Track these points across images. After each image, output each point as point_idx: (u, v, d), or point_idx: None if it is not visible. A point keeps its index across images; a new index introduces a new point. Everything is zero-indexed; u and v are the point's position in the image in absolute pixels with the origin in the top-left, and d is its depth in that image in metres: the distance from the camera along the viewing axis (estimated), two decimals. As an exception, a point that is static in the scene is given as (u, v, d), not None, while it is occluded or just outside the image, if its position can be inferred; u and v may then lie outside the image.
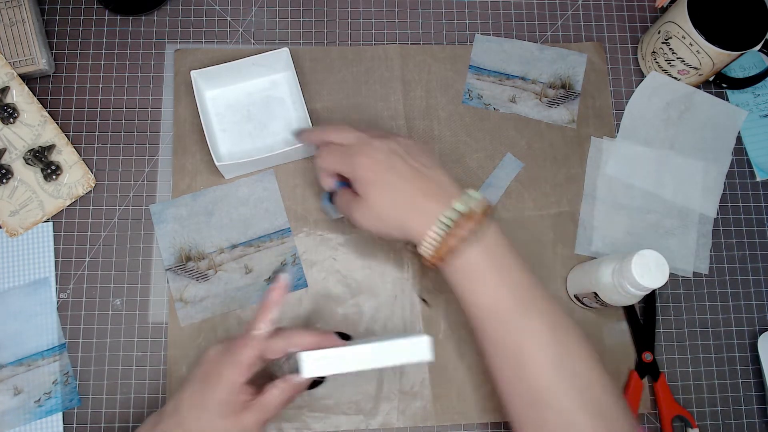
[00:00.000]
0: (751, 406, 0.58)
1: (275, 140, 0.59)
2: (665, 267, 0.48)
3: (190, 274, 0.56)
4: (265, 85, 0.61)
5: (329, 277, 0.58)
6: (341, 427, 0.55)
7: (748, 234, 0.62)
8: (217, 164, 0.55)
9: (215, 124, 0.59)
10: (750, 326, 0.60)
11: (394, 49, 0.63)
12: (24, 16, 0.59)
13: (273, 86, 0.61)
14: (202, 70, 0.57)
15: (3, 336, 0.55)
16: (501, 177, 0.61)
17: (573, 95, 0.63)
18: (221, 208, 0.58)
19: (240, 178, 0.59)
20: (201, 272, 0.57)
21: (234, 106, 0.60)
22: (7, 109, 0.57)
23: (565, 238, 0.60)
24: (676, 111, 0.64)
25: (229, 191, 0.58)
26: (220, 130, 0.59)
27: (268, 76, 0.61)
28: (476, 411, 0.56)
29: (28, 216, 0.57)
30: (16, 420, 0.53)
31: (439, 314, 0.58)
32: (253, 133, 0.59)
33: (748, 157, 0.64)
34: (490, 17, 0.65)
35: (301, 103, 0.58)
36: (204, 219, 0.58)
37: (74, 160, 0.58)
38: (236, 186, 0.59)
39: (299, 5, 0.64)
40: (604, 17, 0.66)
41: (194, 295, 0.56)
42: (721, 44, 0.57)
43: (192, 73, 0.57)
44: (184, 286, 0.56)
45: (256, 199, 0.58)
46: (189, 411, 0.43)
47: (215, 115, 0.60)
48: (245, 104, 0.60)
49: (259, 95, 0.60)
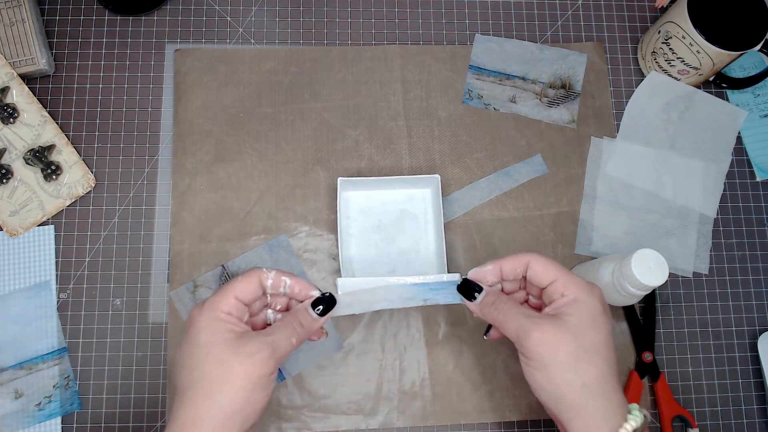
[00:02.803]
0: (751, 406, 0.58)
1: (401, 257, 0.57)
2: (665, 266, 0.48)
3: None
4: (401, 198, 0.59)
5: (329, 277, 0.58)
6: (341, 427, 0.55)
7: (748, 234, 0.62)
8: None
9: (344, 227, 0.57)
10: (750, 326, 0.60)
11: (394, 49, 0.63)
12: (24, 16, 0.59)
13: (409, 200, 0.59)
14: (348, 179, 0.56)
15: (4, 339, 0.55)
16: (522, 172, 0.61)
17: (573, 95, 0.63)
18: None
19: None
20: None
21: (366, 213, 0.58)
22: (7, 109, 0.57)
23: (565, 238, 0.60)
24: (676, 111, 0.64)
25: None
26: (347, 234, 0.58)
27: (406, 190, 0.59)
28: (476, 411, 0.56)
29: (28, 216, 0.57)
30: (16, 423, 0.53)
31: (439, 314, 0.58)
32: (380, 245, 0.58)
33: (748, 157, 0.64)
34: (490, 17, 0.65)
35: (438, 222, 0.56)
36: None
37: (74, 160, 0.58)
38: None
39: (299, 5, 0.64)
40: (604, 17, 0.66)
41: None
42: (721, 44, 0.57)
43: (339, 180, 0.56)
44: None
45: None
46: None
47: (345, 218, 0.58)
48: (378, 213, 0.58)
49: (393, 207, 0.59)
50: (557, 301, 0.42)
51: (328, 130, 0.61)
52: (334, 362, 0.56)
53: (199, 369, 0.39)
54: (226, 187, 0.59)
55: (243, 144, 0.60)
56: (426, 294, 0.47)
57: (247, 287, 0.42)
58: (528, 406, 0.56)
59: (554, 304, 0.42)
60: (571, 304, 0.41)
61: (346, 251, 0.57)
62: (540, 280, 0.44)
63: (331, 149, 0.61)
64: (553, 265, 0.43)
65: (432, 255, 0.58)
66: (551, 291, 0.43)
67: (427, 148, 0.61)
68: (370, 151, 0.61)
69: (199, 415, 0.38)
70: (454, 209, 0.60)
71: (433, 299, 0.47)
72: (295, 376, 0.56)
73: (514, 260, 0.45)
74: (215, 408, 0.38)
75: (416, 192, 0.59)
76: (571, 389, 0.39)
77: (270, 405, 0.55)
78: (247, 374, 0.38)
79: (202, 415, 0.38)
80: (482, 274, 0.45)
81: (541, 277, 0.43)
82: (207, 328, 0.40)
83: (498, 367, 0.57)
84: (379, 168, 0.60)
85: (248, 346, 0.39)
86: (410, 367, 0.56)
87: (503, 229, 0.60)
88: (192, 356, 0.39)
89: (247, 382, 0.38)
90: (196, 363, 0.39)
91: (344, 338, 0.57)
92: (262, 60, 0.62)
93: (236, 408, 0.38)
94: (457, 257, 0.59)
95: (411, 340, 0.57)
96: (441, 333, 0.57)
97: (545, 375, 0.40)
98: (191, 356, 0.39)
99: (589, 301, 0.41)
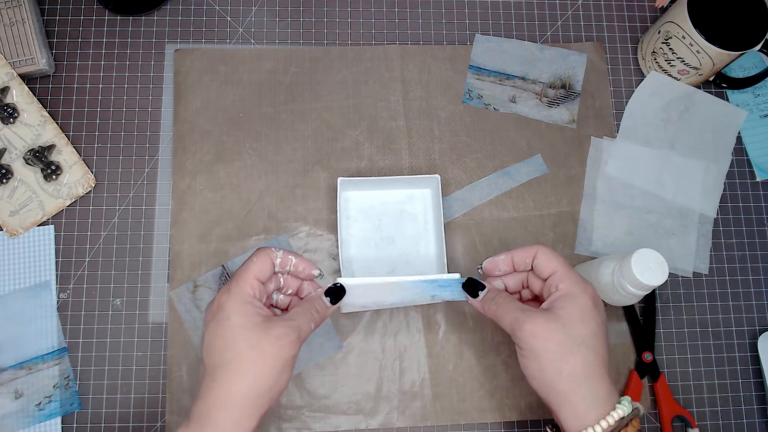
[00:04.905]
0: (751, 406, 0.58)
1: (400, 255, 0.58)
2: (664, 265, 0.48)
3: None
4: (401, 198, 0.59)
5: (329, 277, 0.58)
6: (341, 427, 0.55)
7: (748, 234, 0.62)
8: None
9: (344, 227, 0.58)
10: (750, 326, 0.60)
11: (394, 49, 0.63)
12: (24, 16, 0.59)
13: (409, 200, 0.59)
14: (348, 179, 0.56)
15: (4, 339, 0.55)
16: (522, 172, 0.61)
17: (573, 95, 0.63)
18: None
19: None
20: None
21: (366, 212, 0.58)
22: (7, 109, 0.57)
23: (565, 238, 0.60)
24: (676, 111, 0.64)
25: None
26: (347, 234, 0.58)
27: (406, 190, 0.59)
28: (476, 411, 0.56)
29: (28, 216, 0.57)
30: (16, 423, 0.53)
31: (439, 314, 0.58)
32: (380, 245, 0.58)
33: (748, 157, 0.64)
34: (490, 17, 0.65)
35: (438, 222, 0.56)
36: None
37: (74, 160, 0.58)
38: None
39: (299, 5, 0.64)
40: (604, 17, 0.66)
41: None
42: (721, 44, 0.57)
43: (339, 180, 0.56)
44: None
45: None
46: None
47: (345, 218, 0.58)
48: (378, 213, 0.58)
49: (393, 207, 0.59)
50: (552, 295, 0.46)
51: (328, 130, 0.61)
52: (334, 362, 0.56)
53: (231, 350, 0.41)
54: (226, 187, 0.59)
55: (243, 144, 0.60)
56: (434, 290, 0.48)
57: (263, 267, 0.45)
58: (528, 406, 0.56)
59: (549, 299, 0.46)
60: (563, 299, 0.45)
61: (346, 251, 0.57)
62: (542, 269, 0.47)
63: (331, 149, 0.61)
64: (556, 257, 0.47)
65: (432, 255, 0.58)
66: (549, 282, 0.46)
67: (427, 148, 0.61)
68: (370, 151, 0.61)
69: (231, 393, 0.40)
70: (454, 209, 0.60)
71: (440, 296, 0.49)
72: (295, 376, 0.56)
73: (524, 251, 0.48)
74: (247, 387, 0.41)
75: (416, 192, 0.59)
76: (559, 377, 0.42)
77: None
78: (277, 355, 0.41)
79: (234, 393, 0.40)
80: (496, 263, 0.49)
81: (544, 267, 0.47)
82: (237, 312, 0.42)
83: (498, 367, 0.57)
84: (379, 168, 0.60)
85: (276, 329, 0.42)
86: (410, 367, 0.56)
87: (503, 229, 0.60)
88: (224, 337, 0.42)
89: (277, 362, 0.41)
90: (229, 344, 0.41)
91: (344, 338, 0.57)
92: (262, 60, 0.62)
93: (267, 387, 0.41)
94: (457, 257, 0.59)
95: (411, 340, 0.57)
96: (441, 333, 0.57)
97: (536, 364, 0.43)
98: (223, 337, 0.42)
99: (580, 296, 0.44)
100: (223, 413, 0.40)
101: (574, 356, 0.42)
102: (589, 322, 0.43)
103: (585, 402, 0.42)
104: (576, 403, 0.42)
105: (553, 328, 0.43)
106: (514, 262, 0.48)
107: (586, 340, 0.43)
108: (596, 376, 0.42)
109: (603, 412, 0.41)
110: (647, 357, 0.57)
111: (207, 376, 0.42)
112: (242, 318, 0.42)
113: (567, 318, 0.43)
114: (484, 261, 0.49)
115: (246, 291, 0.43)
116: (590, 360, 0.42)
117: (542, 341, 0.43)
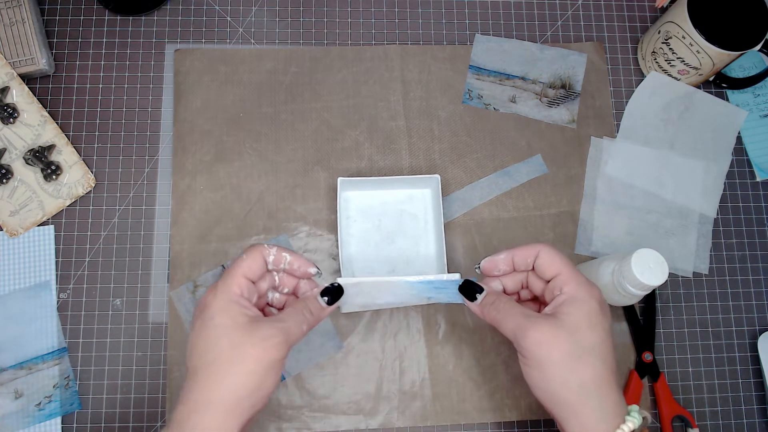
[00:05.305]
0: (751, 406, 0.58)
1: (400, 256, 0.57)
2: (664, 265, 0.48)
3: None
4: (401, 198, 0.59)
5: (329, 277, 0.58)
6: (341, 427, 0.55)
7: (748, 234, 0.62)
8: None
9: (343, 227, 0.57)
10: (750, 326, 0.60)
11: (394, 49, 0.63)
12: (24, 16, 0.59)
13: (409, 200, 0.59)
14: (348, 179, 0.56)
15: (4, 339, 0.55)
16: (522, 172, 0.61)
17: (573, 95, 0.63)
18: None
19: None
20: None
21: (366, 212, 0.58)
22: (7, 109, 0.57)
23: (565, 238, 0.60)
24: (676, 111, 0.64)
25: None
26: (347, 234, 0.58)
27: (406, 190, 0.59)
28: (476, 411, 0.56)
29: (28, 216, 0.57)
30: (16, 424, 0.53)
31: (439, 314, 0.58)
32: (380, 245, 0.58)
33: (748, 157, 0.64)
34: (490, 17, 0.65)
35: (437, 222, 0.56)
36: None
37: (74, 160, 0.58)
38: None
39: (299, 5, 0.64)
40: (604, 17, 0.66)
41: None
42: (721, 44, 0.57)
43: (339, 180, 0.56)
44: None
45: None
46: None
47: (345, 218, 0.58)
48: (378, 213, 0.58)
49: (393, 207, 0.58)
50: (556, 298, 0.43)
51: (328, 130, 0.61)
52: (334, 362, 0.56)
53: (212, 351, 0.39)
54: (226, 187, 0.59)
55: (243, 144, 0.60)
56: (430, 292, 0.47)
57: (253, 265, 0.43)
58: (528, 406, 0.56)
59: (553, 303, 0.43)
60: (568, 303, 0.42)
61: (346, 251, 0.57)
62: (545, 270, 0.44)
63: (331, 149, 0.61)
64: (560, 258, 0.44)
65: (432, 255, 0.58)
66: (553, 285, 0.44)
67: (427, 148, 0.61)
68: (370, 151, 0.61)
69: (211, 396, 0.38)
70: (454, 209, 0.60)
71: (436, 297, 0.48)
72: (295, 376, 0.56)
73: (526, 250, 0.45)
74: (227, 390, 0.38)
75: (416, 192, 0.59)
76: (567, 388, 0.40)
77: (270, 405, 0.55)
78: (260, 358, 0.39)
79: (214, 396, 0.38)
80: (495, 263, 0.46)
81: (547, 268, 0.44)
82: (222, 311, 0.40)
83: (498, 367, 0.57)
84: (379, 168, 0.60)
85: (262, 330, 0.40)
86: (410, 367, 0.56)
87: (503, 229, 0.60)
88: (206, 338, 0.40)
89: (260, 365, 0.39)
90: (210, 345, 0.39)
91: (344, 338, 0.57)
92: (262, 60, 0.62)
93: (248, 391, 0.39)
94: (457, 257, 0.59)
95: (411, 340, 0.57)
96: (441, 333, 0.57)
97: (542, 374, 0.41)
98: (206, 338, 0.40)
99: (587, 299, 0.42)
100: (203, 418, 0.38)
101: (583, 366, 0.40)
102: (597, 329, 0.41)
103: (595, 414, 0.39)
104: (585, 415, 0.39)
105: (559, 336, 0.40)
106: (514, 262, 0.46)
107: (596, 348, 0.40)
108: (606, 386, 0.40)
109: (614, 424, 0.39)
110: (647, 357, 0.57)
111: (189, 379, 0.40)
112: (227, 318, 0.40)
113: (574, 325, 0.41)
114: (483, 260, 0.47)
115: (233, 290, 0.41)
116: (599, 370, 0.40)
117: (548, 350, 0.40)
